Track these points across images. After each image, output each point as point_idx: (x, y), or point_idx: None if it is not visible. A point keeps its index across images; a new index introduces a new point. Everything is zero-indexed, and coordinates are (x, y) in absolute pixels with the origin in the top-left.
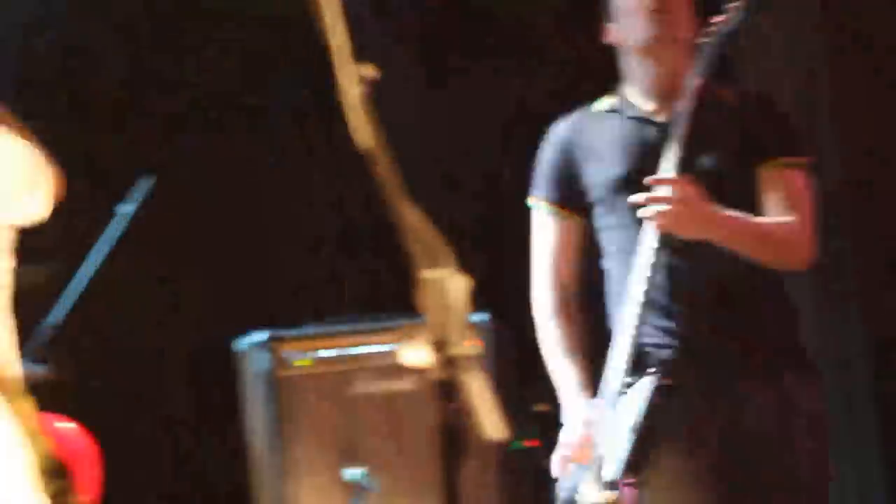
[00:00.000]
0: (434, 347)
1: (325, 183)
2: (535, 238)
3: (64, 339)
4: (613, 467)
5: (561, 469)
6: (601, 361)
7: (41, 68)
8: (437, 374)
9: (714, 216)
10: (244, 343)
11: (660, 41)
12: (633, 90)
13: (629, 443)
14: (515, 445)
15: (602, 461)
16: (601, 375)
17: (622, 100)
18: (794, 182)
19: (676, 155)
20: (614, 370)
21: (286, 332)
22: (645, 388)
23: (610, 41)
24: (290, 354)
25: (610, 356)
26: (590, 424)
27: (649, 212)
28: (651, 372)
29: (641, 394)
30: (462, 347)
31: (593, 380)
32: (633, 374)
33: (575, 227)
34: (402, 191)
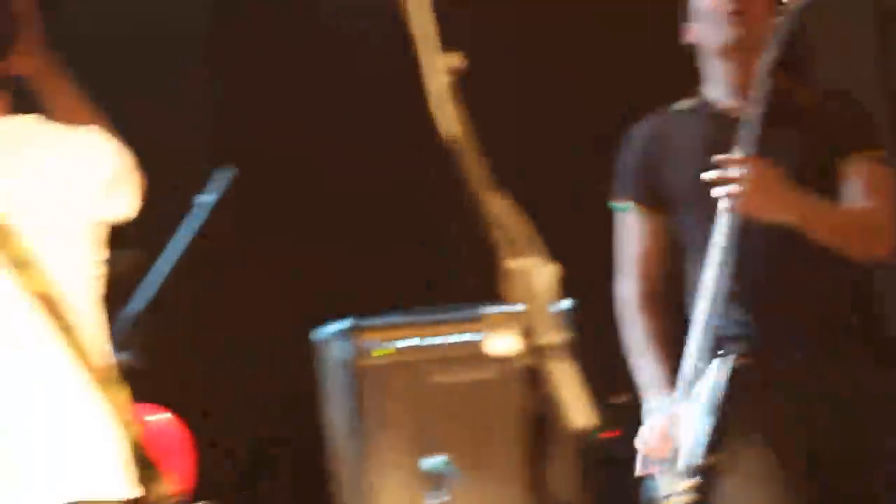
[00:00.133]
0: (521, 336)
1: (410, 171)
2: (619, 237)
3: (145, 328)
4: (692, 453)
5: (644, 466)
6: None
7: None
8: (524, 363)
9: (791, 197)
10: (325, 332)
11: (739, 44)
12: (714, 89)
13: (707, 425)
14: (593, 436)
15: (681, 452)
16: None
17: (702, 99)
18: (875, 173)
19: (753, 135)
20: (691, 360)
21: (367, 322)
22: (722, 372)
23: (689, 41)
24: (371, 344)
25: (687, 347)
26: (671, 419)
27: (725, 191)
28: (728, 356)
29: (718, 377)
30: (549, 336)
31: (674, 376)
32: (710, 363)
33: (658, 226)
34: (488, 180)
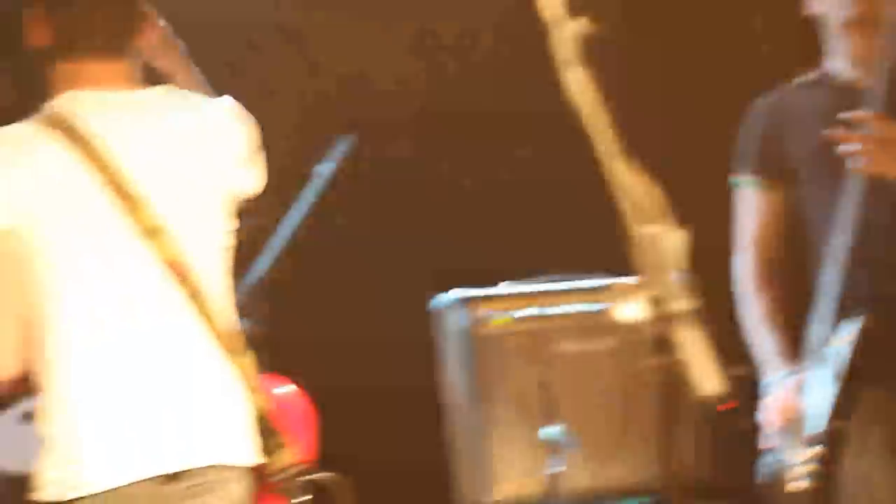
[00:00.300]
0: (650, 303)
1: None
2: (739, 210)
3: (264, 297)
4: (816, 421)
5: (767, 439)
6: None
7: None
8: (651, 331)
9: None
10: (443, 301)
11: (863, 17)
12: (836, 62)
13: (832, 392)
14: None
15: (805, 422)
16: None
17: (825, 72)
18: None
19: (878, 103)
20: (816, 328)
21: (485, 291)
22: (847, 338)
23: (812, 14)
24: (489, 313)
25: (812, 318)
26: (792, 391)
27: (851, 151)
28: (853, 322)
29: (844, 344)
30: (678, 303)
31: (795, 349)
32: (835, 330)
33: (778, 199)
34: (617, 147)
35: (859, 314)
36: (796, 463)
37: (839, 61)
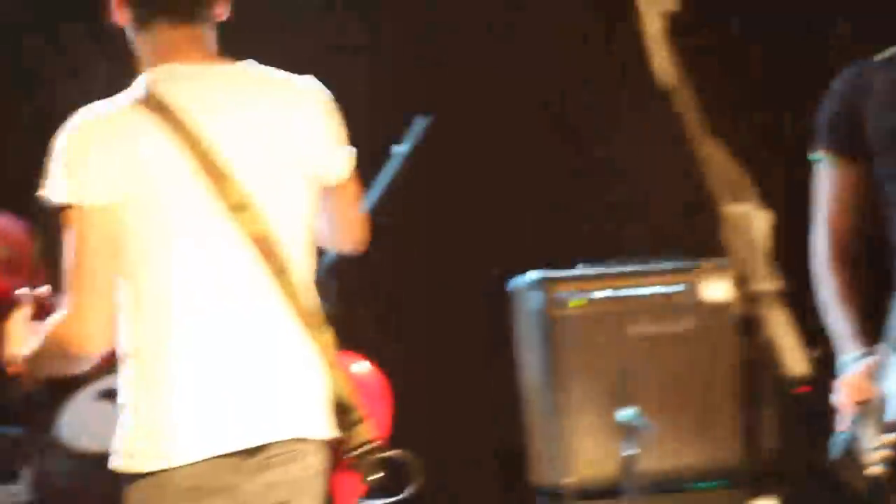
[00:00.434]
0: (736, 283)
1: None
2: (817, 188)
3: (340, 276)
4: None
5: (842, 421)
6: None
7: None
8: (735, 312)
9: None
10: (519, 282)
11: None
12: None
13: None
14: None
15: (883, 404)
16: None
17: None
18: None
19: None
20: None
21: (561, 273)
22: None
23: None
24: (565, 295)
25: (892, 299)
26: (866, 374)
27: None
28: None
29: None
30: (765, 283)
31: (872, 329)
32: None
33: (855, 177)
34: (703, 125)
35: None
36: (871, 448)
37: None
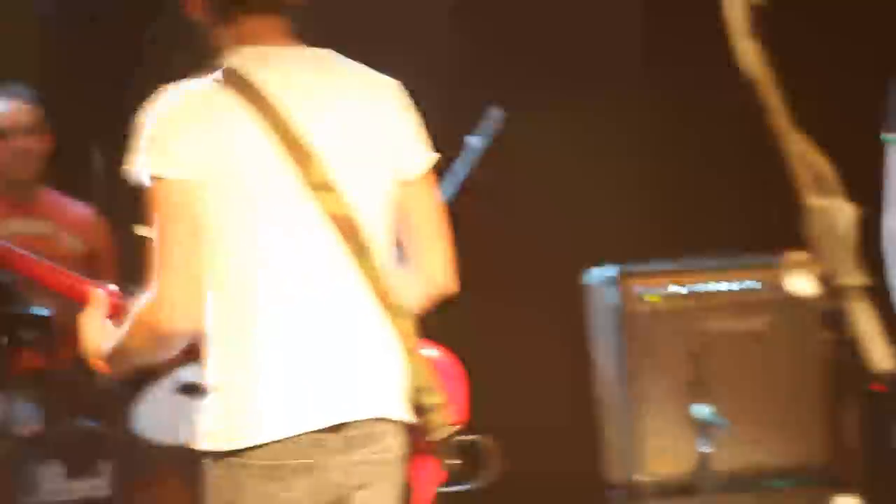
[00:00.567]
0: (821, 277)
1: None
2: (887, 170)
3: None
4: None
5: None
6: None
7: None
8: (822, 305)
9: None
10: (595, 276)
11: None
12: None
13: None
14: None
15: None
16: None
17: None
18: None
19: None
20: None
21: (637, 267)
22: None
23: None
24: (641, 289)
25: None
26: None
27: None
28: None
29: None
30: (850, 277)
31: None
32: None
33: None
34: (789, 117)
35: None
36: None
37: None
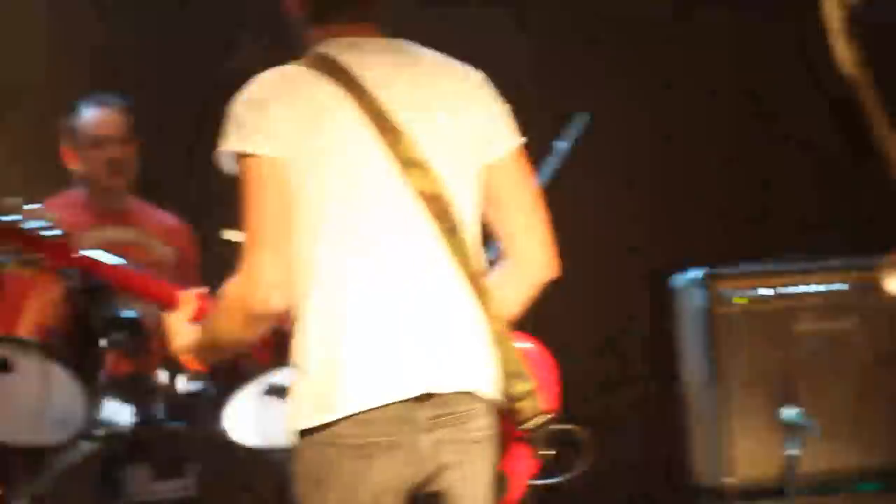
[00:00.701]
0: None
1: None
2: None
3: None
4: None
5: None
6: None
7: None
8: None
9: None
10: (682, 279)
11: None
12: None
13: None
14: None
15: None
16: None
17: None
18: None
19: None
20: None
21: (724, 270)
22: None
23: None
24: (728, 292)
25: None
26: None
27: None
28: None
29: None
30: None
31: None
32: None
33: None
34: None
35: None
36: None
37: None
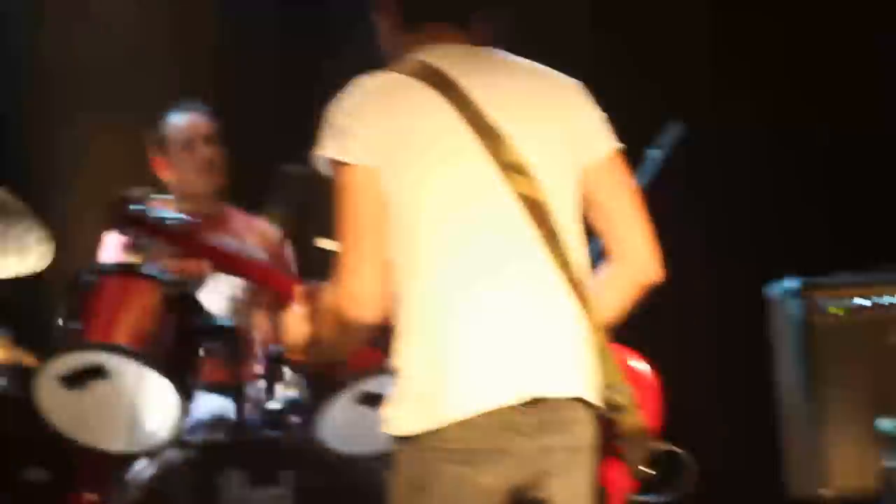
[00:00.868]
0: None
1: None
2: None
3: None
4: None
5: None
6: None
7: None
8: None
9: None
10: (777, 289)
11: None
12: None
13: None
14: None
15: None
16: None
17: None
18: None
19: None
20: None
21: (820, 280)
22: None
23: None
24: (825, 302)
25: None
26: None
27: None
28: None
29: None
30: None
31: None
32: None
33: None
34: None
35: None
36: None
37: None
